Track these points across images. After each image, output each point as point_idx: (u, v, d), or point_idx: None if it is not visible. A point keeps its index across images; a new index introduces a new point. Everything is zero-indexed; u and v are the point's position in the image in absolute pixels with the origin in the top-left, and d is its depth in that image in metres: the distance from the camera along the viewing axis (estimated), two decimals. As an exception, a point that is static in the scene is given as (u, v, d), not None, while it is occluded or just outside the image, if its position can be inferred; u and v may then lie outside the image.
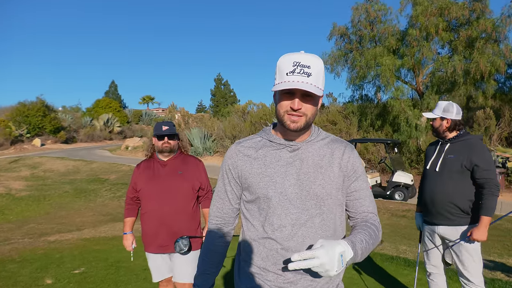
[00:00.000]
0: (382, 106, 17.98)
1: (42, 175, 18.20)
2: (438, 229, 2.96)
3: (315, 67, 1.32)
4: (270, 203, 1.41)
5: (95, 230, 7.27)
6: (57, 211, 10.94)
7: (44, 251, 5.77)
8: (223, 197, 1.56)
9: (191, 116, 29.36)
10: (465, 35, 14.97)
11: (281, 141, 1.45)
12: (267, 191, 1.41)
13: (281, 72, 1.34)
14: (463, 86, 14.91)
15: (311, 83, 1.30)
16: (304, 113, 1.35)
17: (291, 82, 1.29)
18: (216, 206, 1.59)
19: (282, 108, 1.37)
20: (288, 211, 1.39)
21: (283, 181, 1.40)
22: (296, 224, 1.39)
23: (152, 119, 52.20)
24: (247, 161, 1.47)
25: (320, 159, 1.44)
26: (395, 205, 9.94)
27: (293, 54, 1.34)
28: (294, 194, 1.40)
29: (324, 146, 1.47)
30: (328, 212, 1.42)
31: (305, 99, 1.34)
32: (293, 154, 1.43)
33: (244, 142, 1.53)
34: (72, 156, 24.29)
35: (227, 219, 1.58)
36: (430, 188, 2.98)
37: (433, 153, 3.05)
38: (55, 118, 35.97)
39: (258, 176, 1.43)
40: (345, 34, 18.14)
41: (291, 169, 1.41)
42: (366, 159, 16.51)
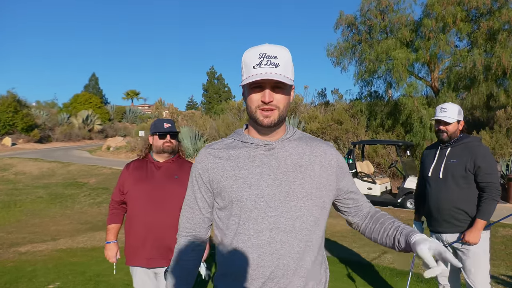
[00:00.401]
0: (393, 104, 18.04)
1: (12, 178, 18.13)
2: (445, 236, 3.14)
3: (282, 57, 1.37)
4: (245, 207, 1.43)
5: (72, 240, 7.25)
6: (30, 219, 10.90)
7: (14, 263, 5.76)
8: (193, 205, 1.57)
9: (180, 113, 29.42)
10: (486, 26, 15.02)
11: (254, 141, 1.48)
12: (241, 194, 1.43)
13: (247, 66, 1.39)
14: (483, 83, 14.95)
15: (280, 73, 1.36)
16: (277, 106, 1.40)
17: (259, 74, 1.35)
18: (186, 216, 1.59)
19: (252, 104, 1.42)
20: (266, 215, 1.42)
21: (258, 182, 1.43)
22: (274, 228, 1.41)
23: (137, 116, 52.26)
24: (218, 163, 1.49)
25: (299, 157, 1.48)
26: (407, 214, 9.97)
27: (257, 47, 1.39)
28: (272, 195, 1.42)
29: (303, 144, 1.52)
30: (309, 214, 1.45)
31: (276, 91, 1.39)
32: (268, 154, 1.47)
33: (215, 145, 1.57)
34: (46, 157, 24.21)
35: (198, 230, 1.59)
36: (435, 196, 3.16)
37: (432, 158, 3.24)
38: (28, 114, 35.86)
39: (231, 178, 1.45)
40: (353, 24, 18.18)
41: (267, 169, 1.44)
42: (375, 162, 16.55)
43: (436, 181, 3.15)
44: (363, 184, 11.99)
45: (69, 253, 6.34)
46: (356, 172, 12.23)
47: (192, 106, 64.43)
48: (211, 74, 53.22)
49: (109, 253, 2.98)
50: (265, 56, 1.36)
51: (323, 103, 23.22)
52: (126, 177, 2.94)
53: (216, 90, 52.44)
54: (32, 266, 5.56)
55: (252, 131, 1.52)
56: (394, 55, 15.68)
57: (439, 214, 3.12)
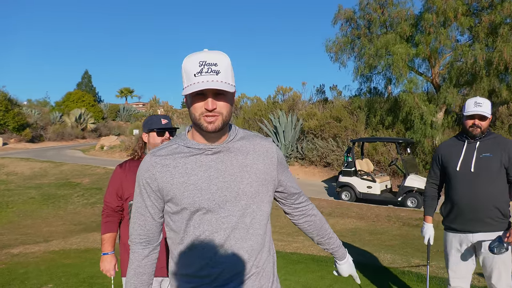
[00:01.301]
0: (393, 101, 18.08)
1: (4, 179, 18.10)
2: (473, 237, 3.02)
3: (222, 64, 1.42)
4: (199, 211, 1.50)
5: (65, 242, 7.25)
6: (22, 220, 10.90)
7: (6, 265, 5.76)
8: (144, 213, 1.60)
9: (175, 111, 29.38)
10: (488, 20, 15.04)
11: (199, 146, 1.53)
12: (193, 200, 1.49)
13: (188, 74, 1.43)
14: (485, 78, 14.98)
15: (221, 80, 1.41)
16: (220, 112, 1.45)
17: (201, 83, 1.39)
18: (138, 223, 1.62)
19: (196, 111, 1.46)
20: (219, 216, 1.51)
21: (208, 186, 1.50)
22: (228, 228, 1.51)
23: (131, 114, 52.20)
24: (166, 171, 1.53)
25: (244, 157, 1.57)
26: (407, 213, 10.01)
27: (197, 54, 1.43)
28: (223, 197, 1.51)
29: (246, 143, 1.61)
30: (258, 210, 1.57)
31: (218, 98, 1.45)
32: (214, 157, 1.54)
33: (160, 151, 1.58)
34: (39, 157, 24.16)
35: (151, 236, 1.63)
36: (466, 192, 3.01)
37: (459, 153, 3.09)
38: (19, 113, 35.78)
39: (182, 185, 1.50)
40: (352, 19, 18.20)
41: (215, 173, 1.51)
42: (375, 160, 16.59)
43: (466, 176, 3.01)
44: (363, 183, 12.02)
45: (62, 254, 6.34)
46: (355, 170, 12.25)
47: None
48: (207, 71, 53.09)
49: (107, 265, 2.78)
50: (205, 63, 1.40)
51: (321, 100, 23.26)
52: (123, 180, 2.76)
53: (212, 87, 52.38)
54: (24, 268, 5.56)
55: (197, 135, 1.56)
56: (394, 50, 15.70)
57: (470, 212, 2.99)
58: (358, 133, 18.38)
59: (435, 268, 5.24)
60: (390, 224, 9.17)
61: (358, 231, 8.43)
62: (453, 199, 3.10)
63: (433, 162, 3.34)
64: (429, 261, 3.59)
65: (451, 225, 3.15)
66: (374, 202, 11.66)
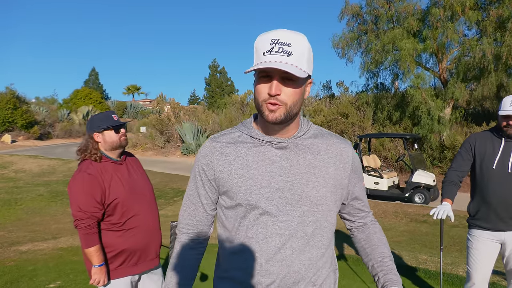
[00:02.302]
0: (400, 96, 17.98)
1: (13, 176, 18.24)
2: (505, 235, 3.02)
3: (297, 46, 1.25)
4: (254, 210, 1.36)
5: (73, 239, 7.28)
6: (30, 217, 10.97)
7: (15, 262, 5.80)
8: (196, 202, 1.50)
9: (182, 108, 29.41)
10: (496, 14, 14.88)
11: (264, 137, 1.39)
12: (251, 196, 1.35)
13: (258, 52, 1.29)
14: (493, 73, 14.85)
15: (292, 63, 1.24)
16: (283, 101, 1.28)
17: (267, 62, 1.24)
18: (188, 212, 1.52)
19: (259, 95, 1.31)
20: (276, 219, 1.35)
21: (269, 184, 1.35)
22: (285, 234, 1.35)
23: (139, 112, 52.33)
24: (225, 160, 1.40)
25: (313, 157, 1.40)
26: (415, 209, 9.97)
27: (272, 32, 1.27)
28: (283, 199, 1.35)
29: (318, 142, 1.43)
30: (322, 219, 1.40)
31: (286, 83, 1.28)
32: (279, 153, 1.38)
33: (221, 138, 1.46)
34: (47, 154, 24.33)
35: (200, 228, 1.52)
36: (501, 191, 2.99)
37: (494, 151, 3.05)
38: (27, 111, 35.99)
39: (240, 178, 1.37)
40: (359, 14, 18.10)
41: (278, 170, 1.36)
42: (382, 156, 16.53)
43: (503, 176, 2.98)
44: (370, 179, 11.97)
45: (70, 251, 6.37)
46: (362, 166, 12.21)
47: (194, 101, 64.49)
48: (213, 68, 53.18)
49: (102, 276, 2.64)
50: (277, 42, 1.24)
51: (328, 96, 23.17)
52: (103, 186, 2.61)
53: (219, 84, 52.43)
54: (32, 265, 5.60)
55: (261, 125, 1.41)
56: (401, 45, 15.59)
57: (505, 211, 2.98)
58: (365, 129, 18.31)
59: (443, 264, 5.20)
60: (397, 220, 9.13)
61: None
62: (485, 198, 3.07)
63: (462, 150, 3.25)
64: (442, 246, 3.55)
65: (481, 223, 3.12)
66: (381, 198, 11.62)
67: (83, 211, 2.56)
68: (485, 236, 3.09)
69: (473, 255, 3.16)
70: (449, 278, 4.64)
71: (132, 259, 2.71)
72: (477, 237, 3.13)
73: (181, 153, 23.56)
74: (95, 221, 2.60)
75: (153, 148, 26.01)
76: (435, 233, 7.64)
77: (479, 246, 3.12)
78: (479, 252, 3.12)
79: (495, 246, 3.07)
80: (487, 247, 3.09)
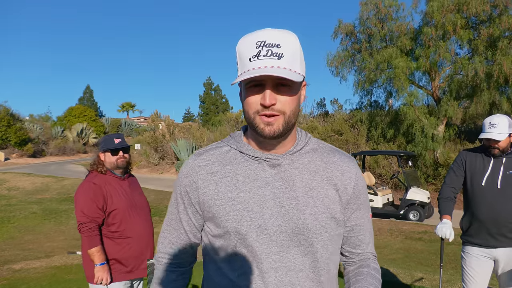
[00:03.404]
0: (394, 114, 18.13)
1: (6, 194, 18.10)
2: (496, 252, 3.01)
3: (287, 46, 1.08)
4: (244, 241, 1.16)
5: (66, 257, 7.22)
6: (23, 235, 10.87)
7: (7, 281, 5.75)
8: (178, 228, 1.30)
9: (177, 125, 29.43)
10: (486, 33, 15.15)
11: (256, 153, 1.20)
12: (240, 224, 1.16)
13: (242, 59, 1.10)
14: (486, 91, 15.04)
15: (285, 66, 1.06)
16: (281, 111, 1.10)
17: (256, 69, 1.05)
18: (169, 239, 1.33)
19: (250, 108, 1.12)
20: (270, 251, 1.15)
21: (261, 209, 1.16)
22: (281, 267, 1.16)
23: (133, 129, 52.32)
24: (211, 181, 1.21)
25: (311, 177, 1.20)
26: (410, 226, 9.97)
27: (256, 32, 1.10)
28: (277, 227, 1.15)
29: (317, 159, 1.24)
30: (322, 250, 1.20)
31: (280, 91, 1.10)
32: (273, 172, 1.19)
33: (207, 154, 1.26)
34: (40, 171, 24.18)
35: (182, 257, 1.33)
36: (491, 208, 2.99)
37: (484, 168, 3.06)
38: (21, 128, 35.88)
39: (227, 203, 1.18)
40: (352, 33, 18.35)
41: (271, 193, 1.16)
42: (376, 173, 16.58)
43: (492, 192, 2.98)
44: (365, 196, 11.99)
45: (64, 270, 6.32)
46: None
47: (189, 118, 64.55)
48: (208, 85, 53.48)
49: (105, 274, 2.87)
50: (265, 44, 1.06)
51: (322, 113, 23.33)
52: (105, 195, 2.92)
53: (213, 101, 52.65)
54: (25, 284, 5.55)
55: (253, 140, 1.22)
56: (395, 64, 15.79)
57: (494, 227, 2.96)
58: (359, 147, 18.39)
59: (439, 281, 5.20)
60: (392, 237, 9.13)
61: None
62: (476, 214, 3.07)
63: (454, 166, 3.25)
64: (442, 263, 3.53)
65: (473, 239, 3.12)
66: (376, 216, 11.62)
67: (86, 215, 2.86)
68: (477, 253, 3.09)
69: (467, 272, 3.16)
70: (445, 296, 4.64)
71: (126, 266, 2.97)
72: (470, 254, 3.14)
73: (176, 171, 23.52)
74: (96, 225, 2.89)
75: (147, 165, 25.96)
76: (430, 251, 7.65)
77: (472, 263, 3.12)
78: (472, 269, 3.12)
79: (488, 262, 3.07)
80: (480, 264, 3.09)
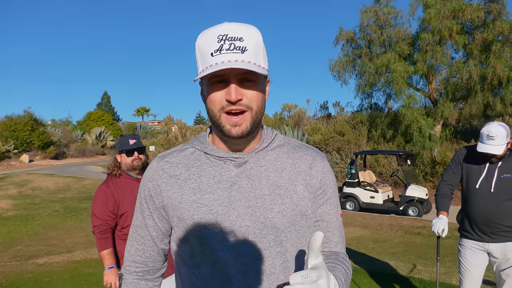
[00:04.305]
0: (393, 115, 18.05)
1: (30, 193, 18.25)
2: (489, 246, 3.00)
3: (250, 39, 0.99)
4: (210, 245, 1.05)
5: (86, 252, 7.27)
6: (47, 232, 10.95)
7: (32, 274, 5.79)
8: (144, 235, 1.18)
9: (189, 128, 29.49)
10: (481, 38, 15.05)
11: (220, 153, 1.10)
12: (205, 227, 1.06)
13: (203, 54, 1.00)
14: (480, 92, 14.93)
15: (249, 60, 0.98)
16: (248, 106, 1.01)
17: (220, 63, 0.96)
18: (135, 247, 1.20)
19: (214, 106, 1.02)
20: (238, 254, 1.04)
21: (227, 211, 1.06)
22: (250, 271, 1.04)
23: (148, 132, 52.49)
24: (174, 184, 1.11)
25: (278, 174, 1.10)
26: (409, 221, 9.92)
27: (216, 27, 1.00)
28: (244, 228, 1.05)
29: (283, 155, 1.14)
30: (292, 248, 1.09)
31: (245, 85, 1.01)
32: (238, 171, 1.09)
33: (170, 156, 1.16)
34: (62, 172, 24.35)
35: (151, 265, 1.21)
36: (484, 210, 2.94)
37: (480, 170, 2.98)
38: (44, 132, 36.13)
39: (191, 206, 1.08)
40: (353, 39, 18.30)
41: (237, 193, 1.06)
42: (377, 172, 16.50)
43: (486, 195, 2.92)
44: (366, 193, 11.95)
45: (84, 264, 6.36)
46: (358, 182, 12.20)
47: (200, 121, 64.72)
48: (217, 90, 53.45)
49: (112, 278, 2.78)
50: (227, 38, 0.97)
51: (325, 115, 23.29)
52: (116, 199, 2.80)
53: (223, 105, 52.60)
54: (49, 277, 5.58)
55: (217, 139, 1.12)
56: (393, 68, 15.73)
57: (487, 227, 2.94)
58: (360, 146, 18.32)
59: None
60: (392, 232, 9.08)
61: (362, 240, 8.35)
62: (469, 213, 3.05)
63: (452, 164, 3.19)
64: (438, 257, 3.51)
65: (467, 234, 3.10)
66: (377, 212, 11.57)
67: (98, 218, 2.79)
68: (472, 245, 3.07)
69: (463, 264, 3.14)
70: (443, 287, 4.61)
71: None
72: (465, 247, 3.12)
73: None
74: (108, 227, 2.80)
75: (161, 166, 25.97)
76: (429, 244, 7.60)
77: (468, 255, 3.10)
78: (468, 261, 3.10)
79: (483, 255, 3.05)
80: (475, 256, 3.07)
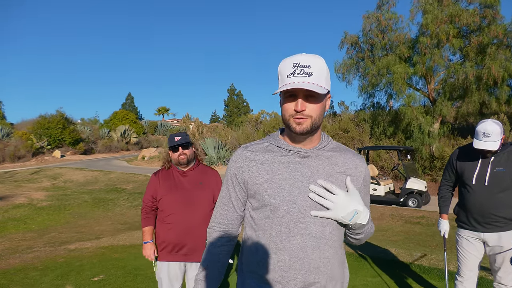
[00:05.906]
0: (394, 114, 17.86)
1: (62, 186, 18.51)
2: (483, 235, 2.96)
3: (315, 66, 1.27)
4: (278, 211, 1.34)
5: (113, 239, 7.34)
6: (77, 220, 11.09)
7: (64, 259, 5.87)
8: (227, 203, 1.47)
9: (205, 126, 29.57)
10: (476, 41, 14.79)
11: (289, 147, 1.38)
12: (275, 198, 1.33)
13: (282, 75, 1.30)
14: (476, 92, 14.70)
15: (313, 82, 1.26)
16: (309, 115, 1.30)
17: (292, 83, 1.26)
18: (220, 212, 1.49)
19: (286, 112, 1.32)
20: (298, 220, 1.32)
21: (291, 188, 1.33)
22: (306, 234, 1.32)
23: (168, 130, 52.76)
24: (253, 166, 1.39)
25: (331, 168, 1.37)
26: (409, 212, 9.81)
27: (293, 57, 1.30)
28: (304, 202, 1.32)
29: (336, 154, 1.42)
30: (338, 221, 1.37)
31: (309, 100, 1.29)
32: (302, 161, 1.36)
33: (251, 147, 1.45)
34: (90, 166, 24.63)
35: (231, 227, 1.48)
36: (479, 203, 2.91)
37: (473, 167, 2.94)
38: (74, 130, 36.59)
39: (266, 182, 1.35)
40: (356, 43, 18.12)
41: (300, 177, 1.34)
42: (379, 166, 16.37)
43: (480, 188, 2.88)
44: (369, 185, 11.85)
45: (111, 249, 6.42)
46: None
47: (215, 120, 64.79)
48: (231, 91, 53.52)
49: (148, 251, 2.91)
50: (299, 65, 1.26)
51: (331, 114, 23.09)
52: (157, 186, 2.92)
53: (236, 105, 52.68)
54: (79, 261, 5.65)
55: (287, 137, 1.41)
56: (394, 70, 15.54)
57: (481, 217, 2.91)
58: (363, 142, 18.19)
59: (435, 260, 5.12)
60: (393, 222, 9.00)
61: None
62: (466, 206, 3.02)
63: (448, 166, 3.18)
64: (445, 248, 3.53)
65: (463, 224, 3.08)
66: (379, 203, 11.48)
67: (143, 201, 3.00)
68: (468, 235, 3.03)
69: (461, 252, 3.10)
70: (442, 273, 4.55)
71: (168, 248, 2.89)
72: (462, 236, 3.08)
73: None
74: (149, 209, 2.97)
75: (180, 160, 26.08)
76: (427, 233, 7.52)
77: (464, 244, 3.07)
78: (465, 249, 3.07)
79: (478, 244, 3.01)
80: (471, 245, 3.03)
